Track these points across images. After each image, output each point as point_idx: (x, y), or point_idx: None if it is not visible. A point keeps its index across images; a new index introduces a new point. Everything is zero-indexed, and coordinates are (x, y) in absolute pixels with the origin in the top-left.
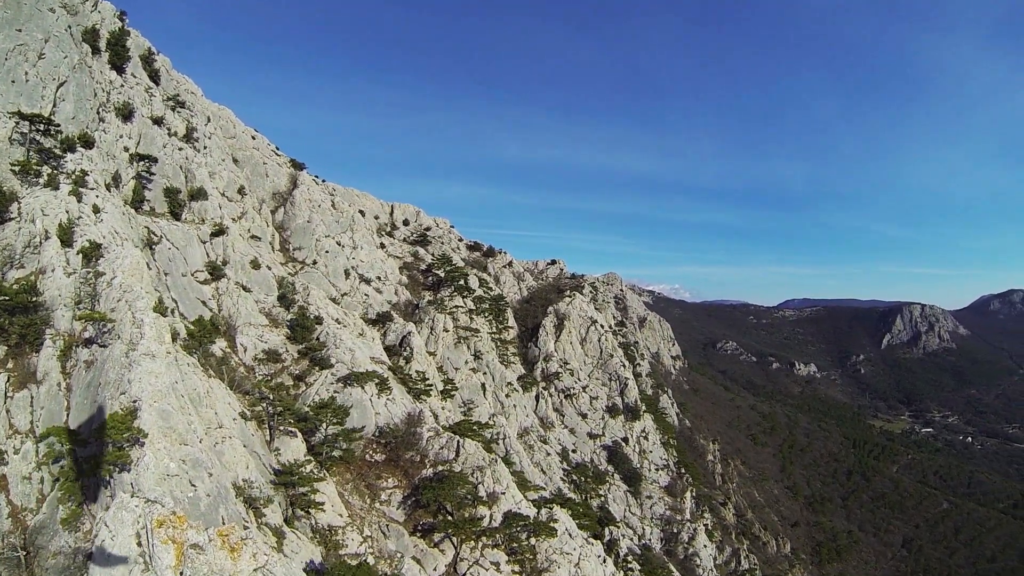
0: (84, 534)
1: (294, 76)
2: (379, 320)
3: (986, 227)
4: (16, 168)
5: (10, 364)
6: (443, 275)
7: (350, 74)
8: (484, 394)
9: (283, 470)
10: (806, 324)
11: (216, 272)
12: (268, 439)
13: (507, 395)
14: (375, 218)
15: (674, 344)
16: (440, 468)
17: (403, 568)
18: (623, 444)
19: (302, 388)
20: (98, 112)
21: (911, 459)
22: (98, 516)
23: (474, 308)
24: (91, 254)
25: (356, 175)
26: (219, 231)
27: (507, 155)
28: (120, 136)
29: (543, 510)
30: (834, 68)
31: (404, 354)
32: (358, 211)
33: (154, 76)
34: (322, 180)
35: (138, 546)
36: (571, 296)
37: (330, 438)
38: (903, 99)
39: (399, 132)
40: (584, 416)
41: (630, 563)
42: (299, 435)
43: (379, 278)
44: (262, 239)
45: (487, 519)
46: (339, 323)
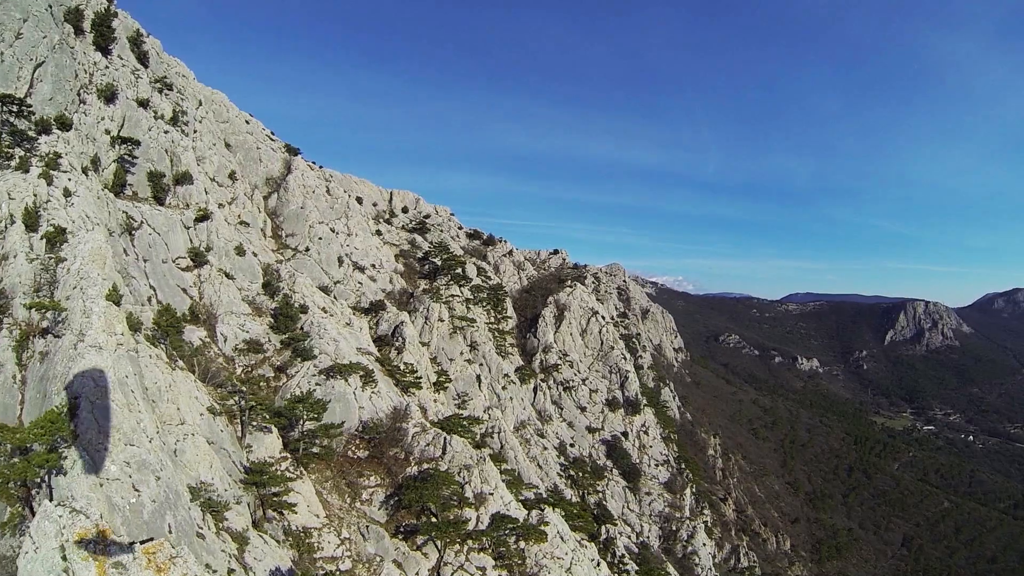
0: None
1: (296, 64)
2: (372, 309)
3: (991, 225)
4: None
5: None
6: (440, 263)
7: (355, 63)
8: (479, 386)
9: (253, 469)
10: (809, 318)
11: (199, 259)
12: (240, 435)
13: (503, 387)
14: (373, 205)
15: (677, 336)
16: (425, 466)
17: (383, 572)
18: (623, 439)
19: (283, 380)
20: (79, 94)
21: (912, 457)
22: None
23: (471, 297)
24: (55, 239)
25: (357, 163)
26: (203, 216)
27: (511, 145)
28: (102, 118)
29: (534, 512)
30: (839, 63)
31: (396, 344)
32: (356, 198)
33: (142, 58)
34: (319, 166)
35: (63, 560)
36: (572, 286)
37: (307, 434)
38: (908, 95)
39: (402, 121)
40: (583, 409)
41: (626, 564)
42: (274, 431)
43: (374, 266)
44: (252, 225)
45: (474, 521)
46: (326, 312)
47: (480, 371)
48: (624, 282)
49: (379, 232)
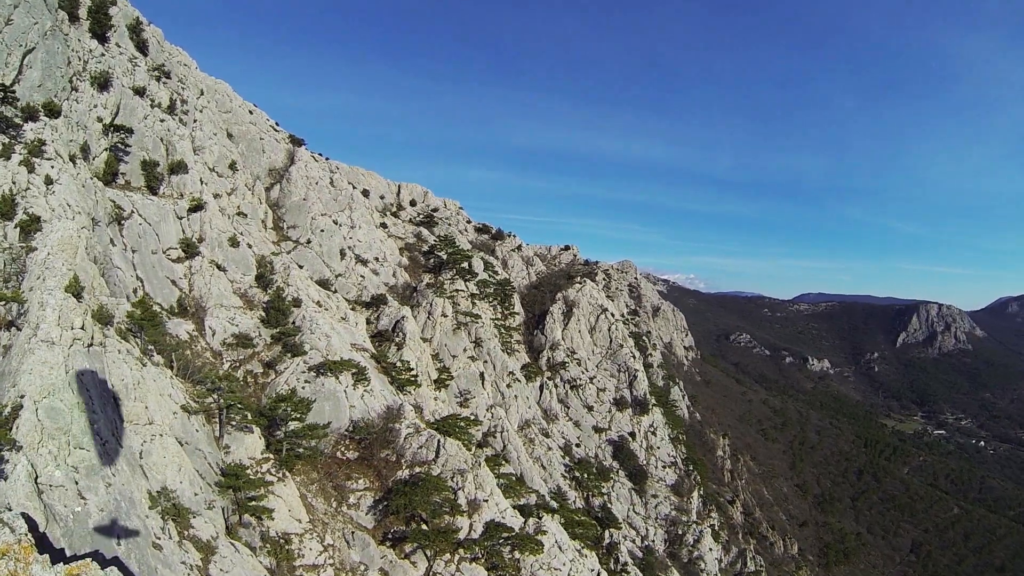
0: None
1: (309, 58)
2: (373, 303)
3: (1007, 228)
4: None
5: None
6: (445, 257)
7: (368, 58)
8: (483, 384)
9: (228, 472)
10: (821, 319)
11: (190, 249)
12: (217, 435)
13: (508, 385)
14: (381, 198)
15: (687, 335)
16: (417, 470)
17: None
18: (630, 439)
19: (272, 376)
20: (71, 81)
21: (922, 461)
22: None
23: (477, 293)
24: (29, 228)
25: (367, 156)
26: (197, 206)
27: (522, 141)
28: (94, 106)
29: (531, 520)
30: (855, 61)
31: (396, 340)
32: (363, 190)
33: (142, 47)
34: (326, 158)
35: None
36: (581, 283)
37: (289, 434)
38: (925, 94)
39: (413, 115)
40: (590, 408)
41: (629, 571)
42: (256, 431)
43: (377, 259)
44: (250, 216)
45: (466, 529)
46: (320, 306)
47: (484, 368)
48: (635, 279)
49: (384, 225)
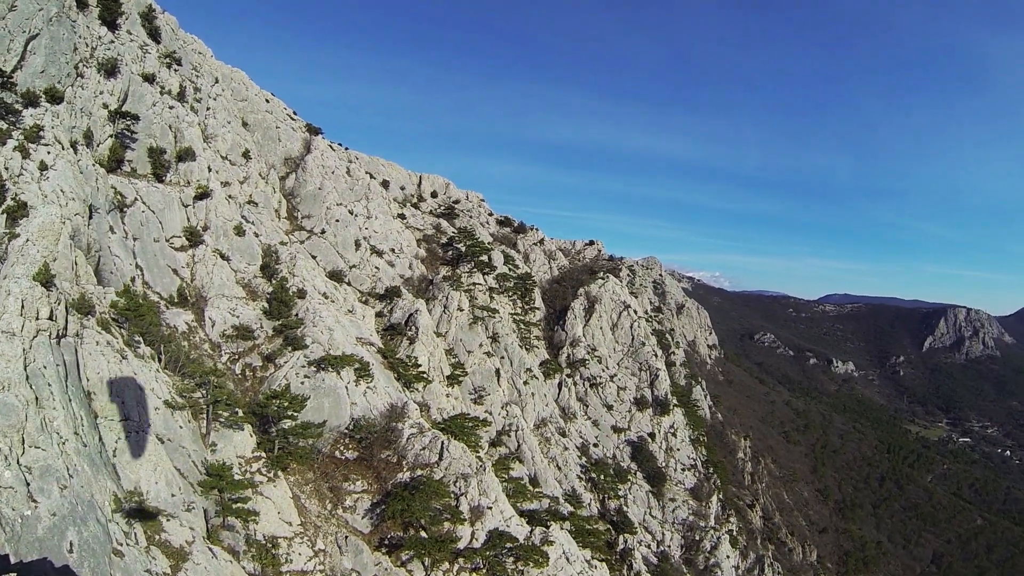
0: None
1: (335, 50)
2: (387, 296)
3: None
4: None
5: None
6: (463, 249)
7: (397, 51)
8: (498, 380)
9: (211, 471)
10: (846, 320)
11: (194, 238)
12: (204, 432)
13: (525, 382)
14: (401, 188)
15: (711, 333)
16: (419, 472)
17: None
18: (649, 440)
19: (271, 371)
20: (76, 67)
21: (947, 469)
22: None
23: (496, 286)
24: (16, 214)
25: (393, 149)
26: (203, 194)
27: (548, 135)
28: (100, 92)
29: (538, 529)
30: (885, 61)
31: (408, 334)
32: (382, 181)
33: (154, 34)
34: (345, 148)
35: None
36: (604, 278)
37: (281, 433)
38: (956, 94)
39: (437, 108)
40: (610, 408)
41: None
42: (247, 428)
43: (393, 250)
44: (262, 205)
45: (468, 538)
46: (326, 298)
47: (500, 364)
48: (660, 276)
49: (402, 216)
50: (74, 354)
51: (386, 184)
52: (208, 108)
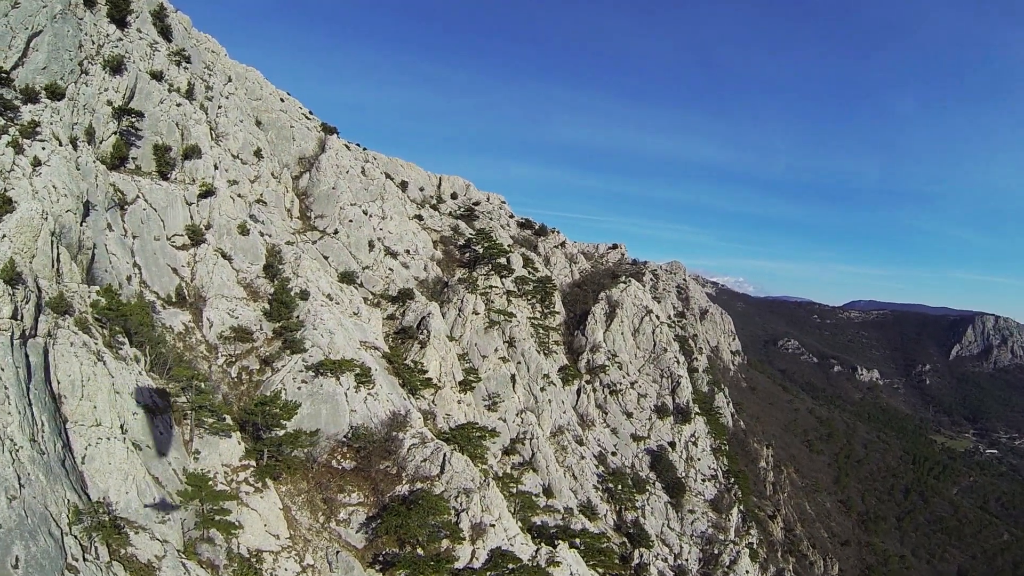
0: None
1: (356, 52)
2: (399, 298)
3: None
4: None
5: None
6: (481, 252)
7: (417, 54)
8: (513, 386)
9: (190, 481)
10: (871, 327)
11: (196, 236)
12: (187, 439)
13: (542, 388)
14: (420, 190)
15: (735, 339)
16: (419, 486)
17: None
18: (669, 449)
19: (268, 375)
20: (81, 64)
21: (973, 481)
22: None
23: (514, 290)
24: (0, 210)
25: (416, 151)
26: (207, 192)
27: (571, 138)
28: (104, 89)
29: (543, 549)
30: (914, 61)
31: (420, 338)
32: (400, 181)
33: (166, 33)
34: (363, 148)
35: None
36: (626, 282)
37: (270, 441)
38: (988, 97)
39: (459, 110)
40: (629, 415)
41: None
42: (235, 435)
43: (408, 252)
44: (272, 204)
45: (468, 557)
46: (331, 299)
47: (516, 370)
48: (684, 280)
49: (419, 217)
50: (43, 355)
51: (404, 185)
52: (220, 106)
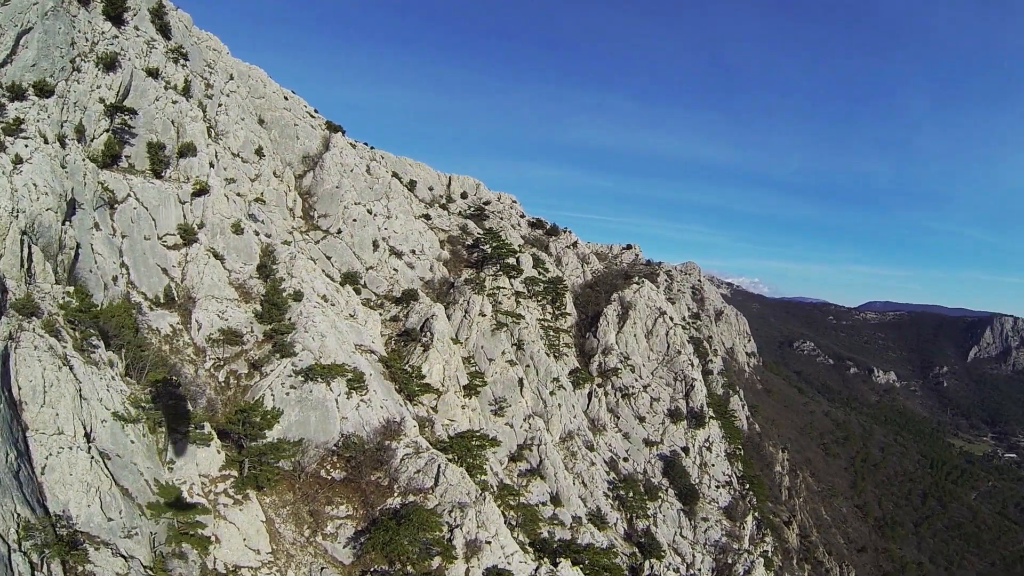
0: None
1: (372, 54)
2: (402, 299)
3: None
4: None
5: None
6: (490, 251)
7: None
8: (521, 391)
9: (160, 493)
10: (888, 329)
11: (188, 236)
12: (162, 447)
13: (551, 392)
14: (429, 189)
15: (750, 340)
16: (411, 498)
17: None
18: (683, 454)
19: (256, 379)
20: (72, 61)
21: (992, 486)
22: None
23: (523, 291)
24: None
25: (427, 152)
26: (201, 190)
27: (585, 139)
28: (96, 87)
29: (543, 568)
30: (927, 60)
31: (423, 340)
32: (409, 181)
33: (164, 30)
34: (370, 147)
35: None
36: (640, 283)
37: (252, 450)
38: (1003, 98)
39: (472, 111)
40: (642, 420)
41: None
42: (213, 444)
43: (414, 251)
44: (273, 203)
45: (462, 575)
46: (326, 300)
47: (524, 373)
48: (699, 281)
49: (427, 216)
50: (2, 360)
51: (413, 184)
52: (220, 104)
